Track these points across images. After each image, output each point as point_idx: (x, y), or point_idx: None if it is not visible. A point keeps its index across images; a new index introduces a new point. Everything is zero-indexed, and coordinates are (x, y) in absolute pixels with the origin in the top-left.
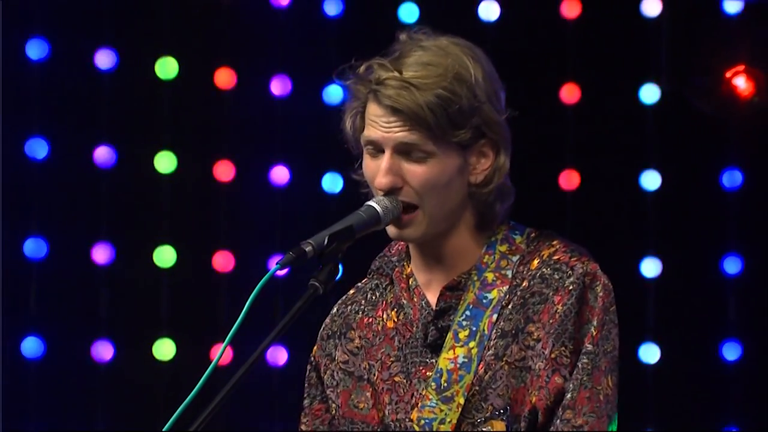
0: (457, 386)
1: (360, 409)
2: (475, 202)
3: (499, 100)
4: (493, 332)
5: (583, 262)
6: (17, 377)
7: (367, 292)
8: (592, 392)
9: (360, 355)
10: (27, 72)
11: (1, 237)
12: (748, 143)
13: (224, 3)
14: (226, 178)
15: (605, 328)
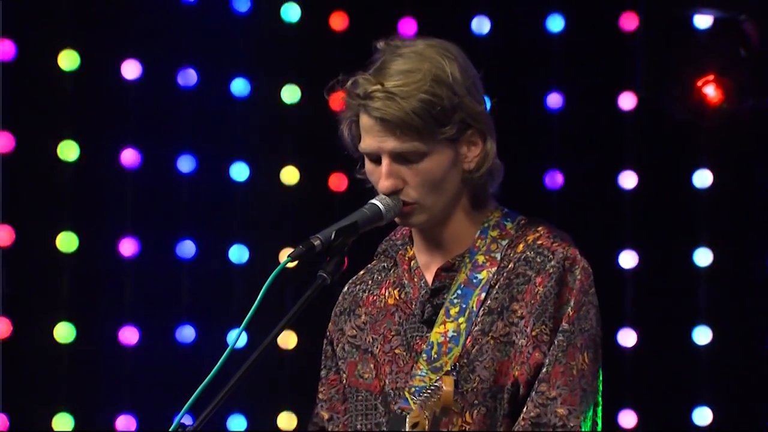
0: (446, 357)
1: (364, 379)
2: (469, 186)
3: (478, 91)
4: (481, 310)
5: (564, 247)
6: (52, 361)
7: (374, 273)
8: (566, 367)
9: (366, 329)
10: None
11: (37, 232)
12: (717, 146)
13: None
14: (240, 179)
15: (583, 308)
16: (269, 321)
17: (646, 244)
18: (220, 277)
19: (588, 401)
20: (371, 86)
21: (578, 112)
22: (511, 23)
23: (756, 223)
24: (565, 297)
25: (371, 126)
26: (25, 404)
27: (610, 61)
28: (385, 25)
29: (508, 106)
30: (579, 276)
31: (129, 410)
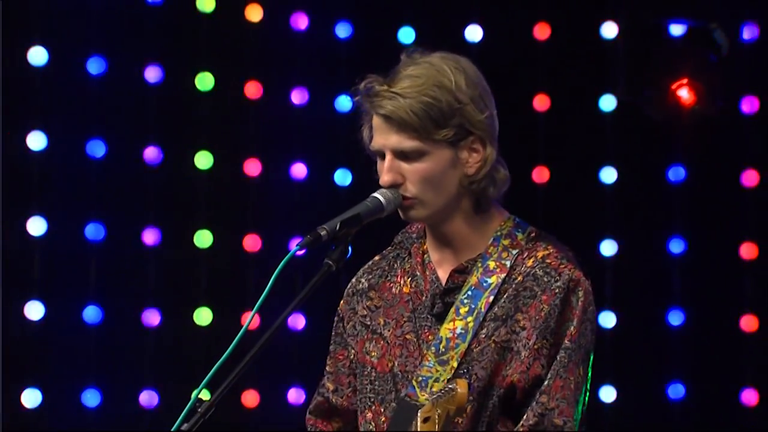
0: (452, 352)
1: (371, 356)
2: (471, 190)
3: (484, 102)
4: (488, 314)
5: (570, 269)
6: (81, 339)
7: (390, 261)
8: (566, 382)
9: (377, 312)
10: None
11: (67, 223)
12: (690, 144)
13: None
14: (254, 174)
15: (582, 326)
16: (280, 304)
17: (625, 233)
18: (234, 265)
19: (581, 406)
20: (380, 87)
21: (563, 113)
22: (501, 31)
23: (726, 213)
24: (568, 316)
25: (379, 124)
26: (56, 380)
27: (592, 66)
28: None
29: (498, 108)
30: (582, 297)
31: (151, 386)
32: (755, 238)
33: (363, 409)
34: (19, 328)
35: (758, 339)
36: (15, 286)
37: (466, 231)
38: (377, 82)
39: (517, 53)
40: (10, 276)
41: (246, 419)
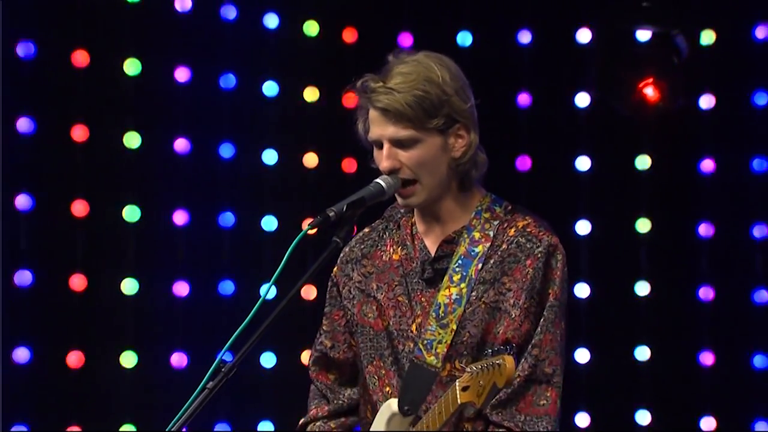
0: (451, 316)
1: (368, 318)
2: (457, 171)
3: (466, 94)
4: (478, 279)
5: (548, 236)
6: (119, 309)
7: (380, 231)
8: (553, 335)
9: (370, 277)
10: (123, 82)
11: (104, 207)
12: (655, 136)
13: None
14: (270, 163)
15: (562, 285)
16: (293, 277)
17: (597, 214)
18: (254, 242)
19: (564, 355)
20: (376, 84)
21: (543, 109)
22: (488, 37)
23: (686, 197)
24: (550, 276)
25: (376, 117)
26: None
27: (569, 67)
28: (387, 38)
29: (486, 104)
30: (560, 259)
31: (182, 349)
32: (711, 218)
33: (365, 364)
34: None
35: (714, 307)
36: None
37: (453, 206)
38: (373, 80)
39: (502, 56)
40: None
41: (264, 378)
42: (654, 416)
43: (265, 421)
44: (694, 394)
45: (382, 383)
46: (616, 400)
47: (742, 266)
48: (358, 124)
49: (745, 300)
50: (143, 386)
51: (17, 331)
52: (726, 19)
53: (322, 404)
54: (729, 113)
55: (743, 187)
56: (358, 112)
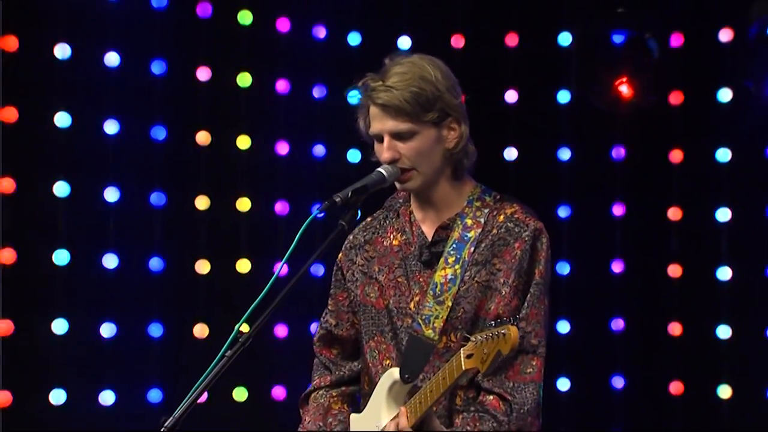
0: (447, 294)
1: (370, 297)
2: (451, 160)
3: (456, 90)
4: (471, 261)
5: (534, 221)
6: (148, 285)
7: (381, 220)
8: (539, 310)
9: (372, 261)
10: (153, 83)
11: (135, 192)
12: (630, 129)
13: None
14: (282, 153)
15: (546, 265)
16: (303, 256)
17: (577, 200)
18: (267, 225)
19: (548, 327)
20: (376, 83)
21: (528, 104)
22: (479, 40)
23: (657, 184)
24: (535, 258)
25: (376, 113)
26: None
27: (552, 67)
28: (388, 41)
29: (477, 100)
30: (544, 242)
31: (204, 321)
32: (680, 203)
33: (367, 339)
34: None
35: (682, 282)
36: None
37: (447, 194)
38: (372, 79)
39: (491, 57)
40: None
41: (277, 347)
42: (628, 381)
43: (278, 386)
44: (664, 361)
45: (382, 357)
46: (593, 366)
47: (708, 246)
48: (359, 121)
49: (709, 276)
50: (171, 354)
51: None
52: (693, 24)
53: (325, 375)
54: (696, 108)
55: (708, 175)
56: (359, 110)
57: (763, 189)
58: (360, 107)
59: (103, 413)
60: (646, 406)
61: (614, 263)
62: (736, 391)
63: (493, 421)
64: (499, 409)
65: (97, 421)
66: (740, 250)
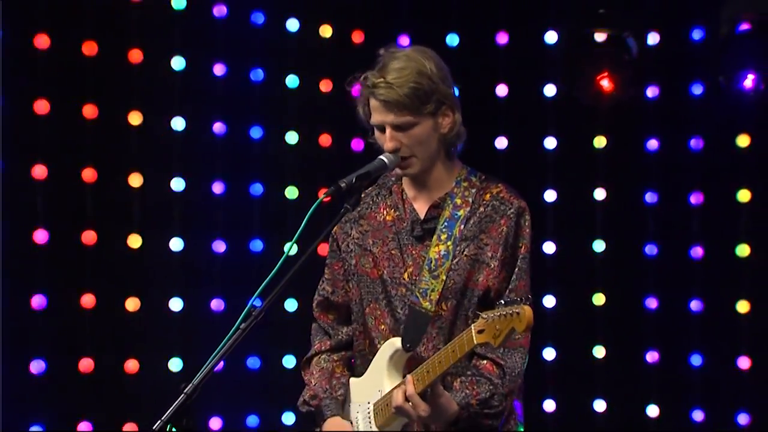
0: (441, 268)
1: (365, 268)
2: (444, 144)
3: (448, 79)
4: (461, 237)
5: (518, 200)
6: (169, 263)
7: (373, 196)
8: (525, 281)
9: (367, 234)
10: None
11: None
12: (610, 120)
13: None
14: (292, 142)
15: (529, 240)
16: (311, 236)
17: (562, 185)
18: (278, 210)
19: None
20: (377, 79)
21: (517, 98)
22: (472, 38)
23: (635, 170)
24: (519, 233)
25: (378, 106)
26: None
27: (539, 63)
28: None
29: (470, 94)
30: (527, 219)
31: (220, 296)
32: (656, 188)
33: (363, 306)
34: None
35: (658, 261)
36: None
37: (439, 175)
38: (373, 75)
39: (483, 54)
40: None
41: (287, 320)
42: (608, 350)
43: (288, 355)
44: (640, 333)
45: (378, 322)
46: (576, 336)
47: (681, 227)
48: (359, 109)
49: (683, 254)
50: (189, 328)
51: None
52: (668, 23)
53: (325, 340)
54: (671, 101)
55: (682, 162)
56: (358, 99)
57: (732, 175)
58: (360, 96)
59: (129, 380)
60: (624, 374)
61: (596, 243)
62: (708, 360)
63: (489, 384)
64: (493, 373)
65: (125, 387)
66: (711, 231)
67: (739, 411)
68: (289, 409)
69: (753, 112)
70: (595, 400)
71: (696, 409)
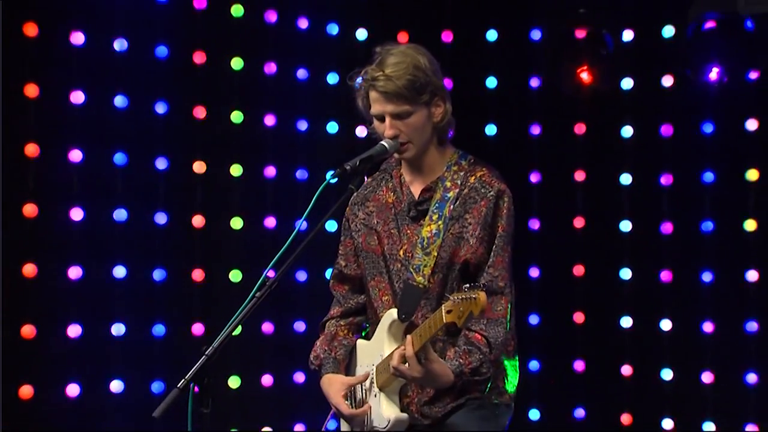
0: (433, 246)
1: (371, 245)
2: (437, 131)
3: (439, 72)
4: (450, 216)
5: (498, 183)
6: (189, 239)
7: (378, 181)
8: (503, 257)
9: (372, 215)
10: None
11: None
12: (589, 109)
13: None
14: (302, 129)
15: (507, 220)
16: (319, 214)
17: (545, 168)
18: (288, 191)
19: (511, 272)
20: (376, 73)
21: (505, 89)
22: (464, 36)
23: (612, 154)
24: (498, 214)
25: (377, 98)
26: (173, 261)
27: (524, 57)
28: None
29: (462, 86)
30: (506, 201)
31: (238, 267)
32: (631, 170)
33: (369, 280)
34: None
35: (632, 236)
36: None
37: (432, 159)
38: (373, 69)
39: (474, 50)
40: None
41: (298, 289)
42: (586, 316)
43: (298, 320)
44: (616, 300)
45: (381, 293)
46: (559, 304)
47: (654, 206)
48: (359, 101)
49: (655, 231)
50: (210, 296)
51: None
52: (641, 22)
53: (337, 307)
54: (643, 92)
55: (648, 147)
56: (357, 92)
57: (700, 158)
58: (358, 90)
59: (156, 344)
60: (601, 338)
61: (576, 220)
62: (675, 324)
63: (479, 353)
64: (482, 343)
65: (153, 349)
66: (679, 209)
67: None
68: (300, 369)
69: (717, 101)
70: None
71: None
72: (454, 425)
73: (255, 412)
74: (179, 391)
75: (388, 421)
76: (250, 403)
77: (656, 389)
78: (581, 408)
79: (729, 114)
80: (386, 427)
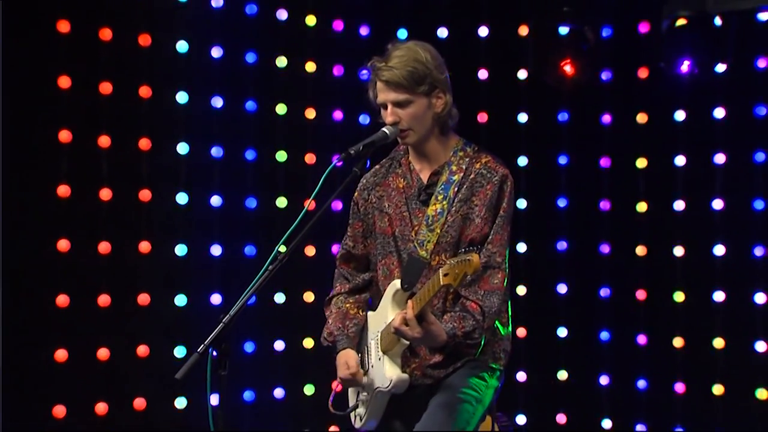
0: (436, 224)
1: (382, 227)
2: (438, 121)
3: (442, 68)
4: (455, 198)
5: (502, 169)
6: (210, 218)
7: (387, 167)
8: (502, 236)
9: (383, 199)
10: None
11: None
12: (572, 98)
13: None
14: (310, 117)
15: (508, 202)
16: (326, 194)
17: (532, 152)
18: (297, 174)
19: (508, 248)
20: (381, 64)
21: (496, 81)
22: (458, 32)
23: (592, 140)
24: (501, 196)
25: (381, 87)
26: (195, 239)
27: (513, 52)
28: (391, 34)
29: (457, 79)
30: (509, 185)
31: (252, 243)
32: (609, 154)
33: (380, 259)
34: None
35: (611, 215)
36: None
37: (436, 147)
38: (378, 61)
39: (468, 44)
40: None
41: (308, 263)
42: (569, 287)
43: (307, 292)
44: (595, 274)
45: (392, 273)
46: (543, 276)
47: (630, 188)
48: (369, 92)
49: (631, 209)
50: (227, 269)
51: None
52: (619, 18)
53: (344, 283)
54: (622, 83)
55: (632, 133)
56: (369, 84)
57: (672, 143)
58: (370, 81)
59: (179, 314)
60: (584, 306)
61: (560, 199)
62: (650, 295)
63: (472, 320)
64: (476, 310)
65: (176, 320)
66: (653, 190)
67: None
68: (308, 336)
69: (688, 92)
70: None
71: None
72: (450, 382)
73: (267, 374)
74: (199, 355)
75: (390, 380)
76: (264, 366)
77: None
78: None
79: (699, 103)
80: (388, 386)
